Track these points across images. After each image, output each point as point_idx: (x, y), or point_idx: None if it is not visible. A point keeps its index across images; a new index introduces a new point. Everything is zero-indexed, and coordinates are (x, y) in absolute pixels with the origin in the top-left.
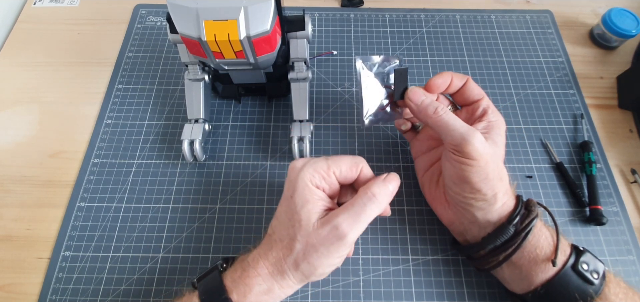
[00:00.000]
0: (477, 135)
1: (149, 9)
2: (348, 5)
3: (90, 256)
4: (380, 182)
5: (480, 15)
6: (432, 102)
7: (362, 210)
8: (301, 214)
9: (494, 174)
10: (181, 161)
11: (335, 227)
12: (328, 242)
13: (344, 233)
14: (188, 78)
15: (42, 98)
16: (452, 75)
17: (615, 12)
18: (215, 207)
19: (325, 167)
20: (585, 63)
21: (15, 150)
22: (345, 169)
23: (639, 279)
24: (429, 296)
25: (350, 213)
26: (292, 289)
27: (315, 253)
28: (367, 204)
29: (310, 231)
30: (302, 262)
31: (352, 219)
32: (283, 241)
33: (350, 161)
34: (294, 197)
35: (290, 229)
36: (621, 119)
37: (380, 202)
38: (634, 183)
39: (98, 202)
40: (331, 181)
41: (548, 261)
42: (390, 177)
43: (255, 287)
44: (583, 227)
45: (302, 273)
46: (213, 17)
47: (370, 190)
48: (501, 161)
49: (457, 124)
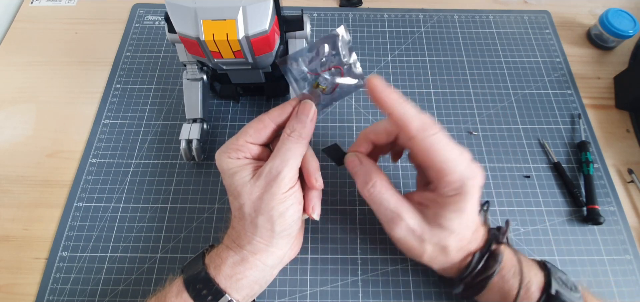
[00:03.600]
0: (402, 224)
1: (147, 8)
2: (346, 5)
3: (87, 256)
4: (293, 117)
5: (478, 15)
6: (365, 174)
7: (285, 148)
8: (235, 184)
9: (421, 255)
10: (179, 161)
11: (268, 173)
12: (268, 188)
13: (277, 172)
14: (186, 78)
15: (40, 97)
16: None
17: (612, 13)
18: (214, 207)
19: (235, 141)
20: (583, 63)
21: (13, 150)
22: (252, 132)
23: (635, 279)
24: (428, 296)
25: (275, 156)
26: (269, 253)
27: (262, 203)
28: (287, 141)
29: (249, 189)
30: (257, 218)
31: (279, 160)
32: (236, 215)
33: (255, 122)
34: (224, 177)
35: (235, 201)
36: (618, 119)
37: (299, 133)
38: (631, 183)
39: (96, 202)
40: (247, 148)
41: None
42: (301, 108)
43: (227, 259)
44: (580, 226)
45: (264, 229)
46: (211, 16)
47: (287, 127)
48: (449, 238)
49: (384, 206)
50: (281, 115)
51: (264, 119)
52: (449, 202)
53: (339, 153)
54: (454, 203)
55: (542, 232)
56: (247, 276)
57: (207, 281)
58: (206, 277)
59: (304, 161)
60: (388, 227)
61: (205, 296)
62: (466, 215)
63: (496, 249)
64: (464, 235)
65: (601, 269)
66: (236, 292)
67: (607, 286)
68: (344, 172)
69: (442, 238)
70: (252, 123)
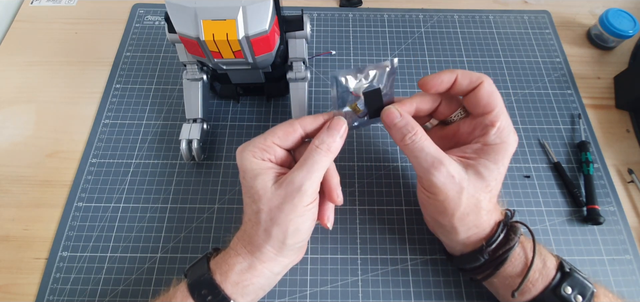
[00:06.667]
0: (442, 170)
1: (147, 8)
2: (347, 5)
3: (88, 256)
4: (324, 130)
5: (478, 15)
6: (405, 126)
7: (312, 160)
8: (256, 187)
9: (455, 208)
10: (179, 161)
11: (291, 182)
12: (289, 199)
13: (300, 185)
14: (186, 78)
15: (40, 97)
16: (458, 74)
17: (612, 13)
18: (214, 207)
19: (262, 140)
20: (583, 63)
21: (12, 150)
22: (281, 134)
23: (635, 278)
24: (428, 296)
25: (302, 167)
26: (277, 262)
27: (280, 213)
28: (315, 153)
29: (269, 196)
30: (272, 228)
31: (305, 171)
32: (251, 218)
33: (285, 125)
34: (245, 177)
35: (253, 205)
36: (618, 119)
37: (328, 147)
38: (631, 183)
39: (96, 202)
40: (273, 150)
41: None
42: (333, 123)
43: (235, 266)
44: (580, 226)
45: (277, 239)
46: (211, 16)
47: (317, 139)
48: (484, 191)
49: (425, 152)
50: (312, 124)
51: (294, 124)
52: (492, 151)
53: (378, 102)
54: (496, 153)
55: (542, 232)
56: (253, 283)
57: (212, 287)
58: (212, 284)
59: (327, 174)
60: (428, 173)
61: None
62: (501, 170)
63: (514, 223)
64: (494, 193)
65: (601, 269)
66: (242, 298)
67: (607, 286)
68: (344, 173)
69: (478, 188)
70: (282, 125)
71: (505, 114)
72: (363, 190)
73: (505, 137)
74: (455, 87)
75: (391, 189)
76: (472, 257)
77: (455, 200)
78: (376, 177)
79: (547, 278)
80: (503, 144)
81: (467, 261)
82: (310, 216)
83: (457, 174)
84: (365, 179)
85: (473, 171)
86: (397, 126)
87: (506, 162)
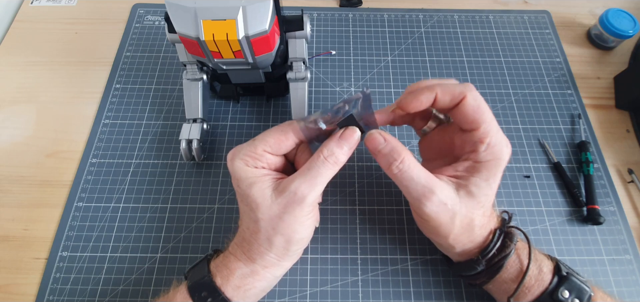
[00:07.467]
0: (434, 199)
1: (147, 8)
2: (347, 5)
3: (87, 256)
4: (336, 140)
5: (478, 15)
6: (390, 152)
7: (318, 171)
8: (253, 196)
9: (448, 232)
10: (179, 161)
11: (294, 192)
12: (290, 208)
13: (302, 196)
14: (186, 78)
15: (40, 97)
16: (437, 93)
17: (612, 13)
18: (214, 207)
19: (252, 148)
20: (583, 63)
21: (12, 150)
22: (273, 142)
23: (635, 279)
24: (428, 296)
25: (306, 176)
26: (280, 266)
27: (282, 223)
28: (322, 165)
29: (269, 204)
30: (274, 237)
31: (309, 182)
32: (250, 227)
33: (277, 133)
34: (240, 185)
35: (251, 214)
36: (618, 119)
37: (336, 159)
38: (631, 183)
39: (96, 202)
40: (265, 158)
41: (521, 291)
42: (346, 134)
43: (237, 270)
44: (580, 226)
45: (280, 247)
46: (211, 16)
47: (326, 149)
48: (476, 208)
49: (415, 182)
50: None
51: (287, 132)
52: (483, 168)
53: (354, 124)
54: (488, 170)
55: (542, 232)
56: (255, 287)
57: (213, 290)
58: (212, 287)
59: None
60: (419, 203)
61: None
62: (493, 186)
63: (510, 230)
64: (487, 208)
65: (601, 269)
66: (242, 301)
67: (607, 286)
68: (344, 172)
69: (471, 208)
70: (274, 132)
71: (494, 129)
72: (363, 190)
73: (497, 153)
74: (436, 105)
75: (391, 189)
76: (469, 266)
77: (448, 225)
78: (376, 177)
79: (543, 283)
80: (494, 160)
81: (464, 269)
82: (312, 220)
83: (450, 201)
84: (365, 179)
85: (464, 191)
86: (381, 153)
87: (498, 176)
